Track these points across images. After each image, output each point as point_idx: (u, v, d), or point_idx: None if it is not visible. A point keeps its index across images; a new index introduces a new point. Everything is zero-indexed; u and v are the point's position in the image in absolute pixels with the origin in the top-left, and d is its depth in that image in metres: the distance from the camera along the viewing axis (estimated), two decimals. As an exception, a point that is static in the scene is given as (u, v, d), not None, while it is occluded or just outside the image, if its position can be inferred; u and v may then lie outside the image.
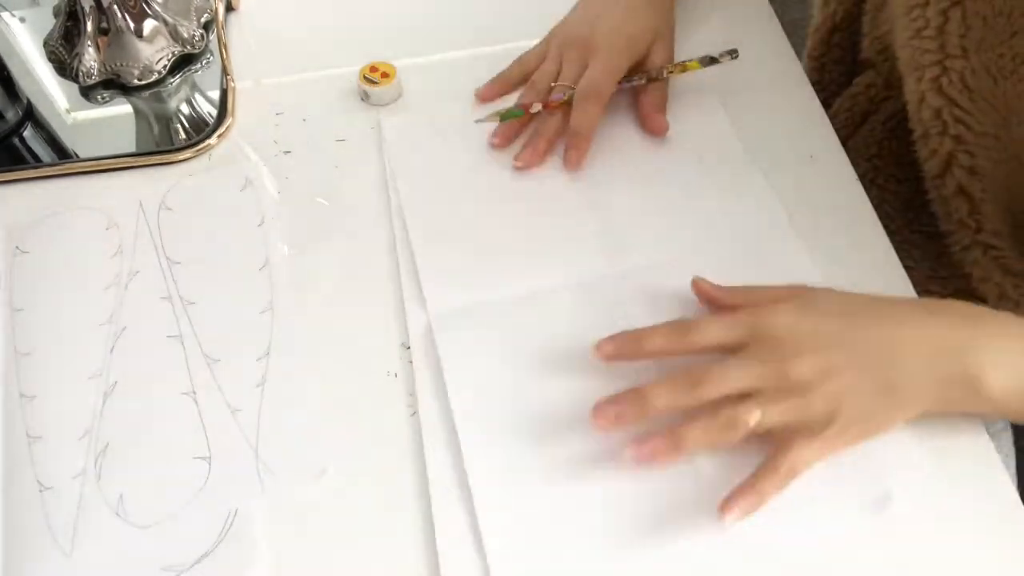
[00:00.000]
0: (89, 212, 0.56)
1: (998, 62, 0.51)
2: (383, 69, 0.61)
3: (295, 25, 0.67)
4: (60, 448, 0.47)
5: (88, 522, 0.45)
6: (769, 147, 0.59)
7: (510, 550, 0.43)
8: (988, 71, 0.51)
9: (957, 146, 0.54)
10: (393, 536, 0.44)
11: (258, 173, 0.58)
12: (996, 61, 0.51)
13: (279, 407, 0.48)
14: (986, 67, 0.51)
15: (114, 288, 0.53)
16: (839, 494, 0.45)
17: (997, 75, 0.51)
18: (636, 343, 0.46)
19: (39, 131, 0.61)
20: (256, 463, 0.46)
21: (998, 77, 0.51)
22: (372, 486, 0.46)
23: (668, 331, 0.46)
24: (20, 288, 0.53)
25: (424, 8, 0.68)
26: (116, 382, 0.49)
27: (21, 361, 0.50)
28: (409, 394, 0.49)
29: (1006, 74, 0.51)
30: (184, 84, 0.64)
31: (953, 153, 0.54)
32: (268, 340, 0.51)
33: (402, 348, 0.50)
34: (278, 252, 0.54)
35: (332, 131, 0.61)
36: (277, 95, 0.63)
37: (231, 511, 0.45)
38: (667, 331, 0.46)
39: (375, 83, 0.61)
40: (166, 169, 0.59)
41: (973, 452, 0.47)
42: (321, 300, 0.53)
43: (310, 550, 0.44)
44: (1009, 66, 0.50)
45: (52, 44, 0.64)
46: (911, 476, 0.45)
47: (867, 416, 0.44)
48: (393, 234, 0.55)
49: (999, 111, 0.52)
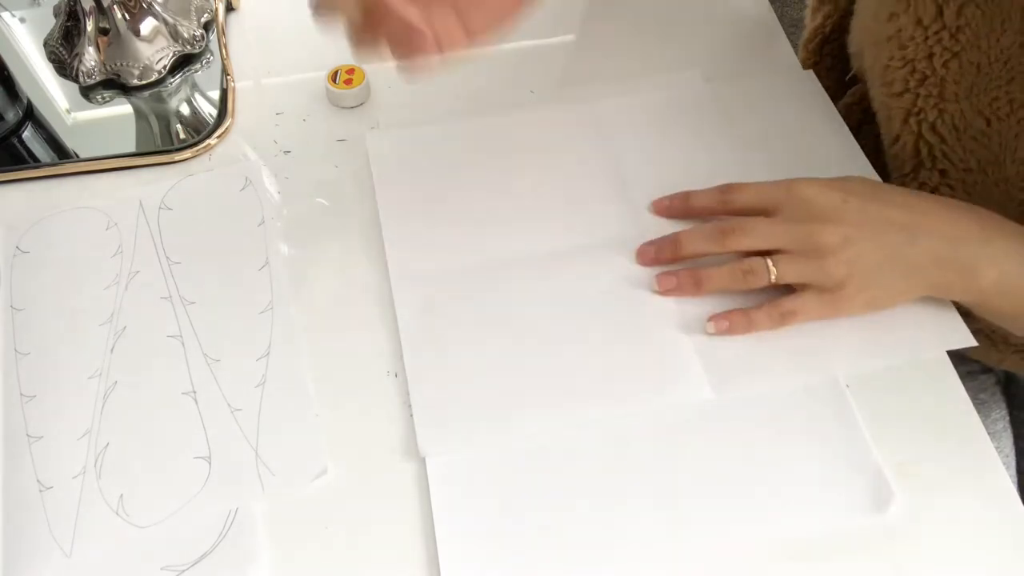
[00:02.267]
0: (89, 212, 0.56)
1: (992, 105, 0.52)
2: (348, 71, 0.61)
3: (295, 25, 0.67)
4: (60, 448, 0.47)
5: (88, 522, 0.45)
6: (768, 144, 0.58)
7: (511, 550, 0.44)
8: (981, 114, 0.53)
9: (942, 179, 0.56)
10: (393, 536, 0.45)
11: (258, 173, 0.58)
12: (990, 104, 0.52)
13: (279, 407, 0.48)
14: (979, 110, 0.53)
15: (114, 288, 0.53)
16: (839, 494, 0.45)
17: (991, 117, 0.52)
18: (686, 200, 0.53)
19: (39, 131, 0.61)
20: (256, 463, 0.46)
21: (992, 119, 0.53)
22: (372, 486, 0.46)
23: (712, 191, 0.52)
24: (20, 288, 0.53)
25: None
26: (116, 382, 0.49)
27: (21, 361, 0.50)
28: (409, 394, 0.49)
29: (1001, 116, 0.52)
30: (184, 84, 0.64)
31: (937, 187, 0.56)
32: (268, 340, 0.51)
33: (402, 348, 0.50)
34: (278, 252, 0.54)
35: (332, 131, 0.61)
36: (277, 95, 0.63)
37: (231, 511, 0.45)
38: (711, 191, 0.52)
39: (344, 85, 0.61)
40: (166, 169, 0.59)
41: (973, 452, 0.47)
42: (321, 300, 0.53)
43: (310, 550, 0.44)
44: (1005, 109, 0.52)
45: (52, 44, 0.64)
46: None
47: (877, 286, 0.47)
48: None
49: (991, 149, 0.54)
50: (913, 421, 0.48)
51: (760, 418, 0.47)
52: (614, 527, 0.44)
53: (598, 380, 0.48)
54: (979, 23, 0.50)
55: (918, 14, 0.52)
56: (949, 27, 0.51)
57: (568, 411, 0.47)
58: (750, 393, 0.48)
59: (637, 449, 0.46)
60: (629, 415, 0.47)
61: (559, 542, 0.44)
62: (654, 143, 0.59)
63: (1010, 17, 0.49)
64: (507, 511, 0.45)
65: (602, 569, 0.43)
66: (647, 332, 0.50)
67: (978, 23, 0.50)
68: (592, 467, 0.46)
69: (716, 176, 0.56)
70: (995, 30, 0.50)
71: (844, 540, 0.44)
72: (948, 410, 0.48)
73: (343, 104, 0.62)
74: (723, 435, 0.47)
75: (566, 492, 0.45)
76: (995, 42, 0.50)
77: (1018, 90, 0.50)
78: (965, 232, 0.47)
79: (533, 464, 0.46)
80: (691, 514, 0.44)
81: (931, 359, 0.50)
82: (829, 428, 0.47)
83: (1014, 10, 0.48)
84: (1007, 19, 0.49)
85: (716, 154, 0.58)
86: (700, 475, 0.46)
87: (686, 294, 0.51)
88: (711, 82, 0.62)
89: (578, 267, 0.53)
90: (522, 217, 0.55)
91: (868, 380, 0.49)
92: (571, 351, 0.49)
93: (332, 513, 0.45)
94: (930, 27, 0.52)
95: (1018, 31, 0.49)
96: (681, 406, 0.48)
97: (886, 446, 0.47)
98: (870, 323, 0.50)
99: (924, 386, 0.49)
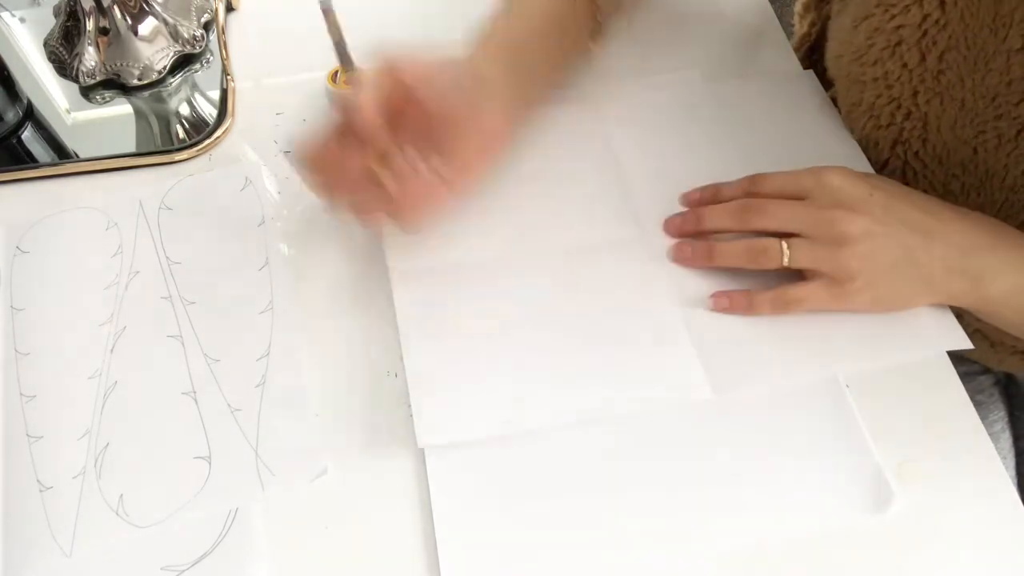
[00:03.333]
0: (89, 212, 0.56)
1: (979, 137, 0.53)
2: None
3: (295, 25, 0.67)
4: (60, 448, 0.47)
5: (88, 522, 0.45)
6: (768, 144, 0.58)
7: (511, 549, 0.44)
8: (968, 144, 0.53)
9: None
10: (393, 536, 0.45)
11: (258, 173, 0.58)
12: (976, 137, 0.53)
13: (279, 407, 0.48)
14: (964, 141, 0.53)
15: (114, 288, 0.53)
16: (839, 493, 0.45)
17: (979, 148, 0.53)
18: (716, 191, 0.53)
19: (39, 131, 0.61)
20: (256, 463, 0.46)
21: (979, 149, 0.53)
22: (372, 486, 0.46)
23: (741, 181, 0.52)
24: (20, 288, 0.53)
25: (425, 7, 0.68)
26: (116, 382, 0.49)
27: (21, 361, 0.50)
28: (409, 392, 0.48)
29: (989, 148, 0.53)
30: (184, 84, 0.64)
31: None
32: (268, 340, 0.51)
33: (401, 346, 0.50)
34: (278, 252, 0.54)
35: (332, 131, 0.61)
36: (277, 95, 0.63)
37: (231, 511, 0.45)
38: (740, 181, 0.52)
39: (344, 85, 0.61)
40: (166, 169, 0.59)
41: (973, 452, 0.47)
42: (321, 300, 0.53)
43: (310, 550, 0.44)
44: (993, 142, 0.52)
45: (52, 44, 0.64)
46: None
47: (885, 286, 0.47)
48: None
49: (977, 175, 0.54)
50: (913, 421, 0.48)
51: (760, 418, 0.47)
52: (614, 525, 0.44)
53: (598, 379, 0.48)
54: (961, 66, 0.51)
55: (904, 59, 0.53)
56: (931, 70, 0.52)
57: (568, 410, 0.47)
58: (750, 393, 0.48)
59: (637, 448, 0.46)
60: (629, 415, 0.47)
61: (559, 542, 0.44)
62: (654, 143, 0.59)
63: (993, 58, 0.50)
64: (507, 510, 0.45)
65: (602, 568, 0.43)
66: (647, 331, 0.50)
67: (960, 66, 0.51)
68: (592, 467, 0.46)
69: (716, 176, 0.56)
70: (979, 71, 0.51)
71: (844, 540, 0.44)
72: (948, 410, 0.48)
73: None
74: (723, 435, 0.47)
75: (566, 492, 0.45)
76: (980, 81, 0.51)
77: (1006, 126, 0.51)
78: (976, 241, 0.47)
79: (533, 464, 0.46)
80: (691, 514, 0.44)
81: (931, 359, 0.50)
82: (829, 428, 0.47)
83: (998, 53, 0.49)
84: (990, 60, 0.50)
85: (716, 154, 0.58)
86: (700, 475, 0.46)
87: (699, 264, 0.51)
88: (711, 82, 0.62)
89: (578, 266, 0.53)
90: (522, 216, 0.55)
91: (868, 380, 0.49)
92: (571, 350, 0.49)
93: (332, 513, 0.45)
94: (914, 70, 0.53)
95: (1003, 71, 0.49)
96: (681, 406, 0.48)
97: (886, 446, 0.47)
98: (870, 323, 0.50)
99: (924, 386, 0.49)
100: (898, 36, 0.52)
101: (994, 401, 0.70)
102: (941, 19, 0.50)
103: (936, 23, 0.50)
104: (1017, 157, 0.52)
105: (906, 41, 0.52)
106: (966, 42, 0.50)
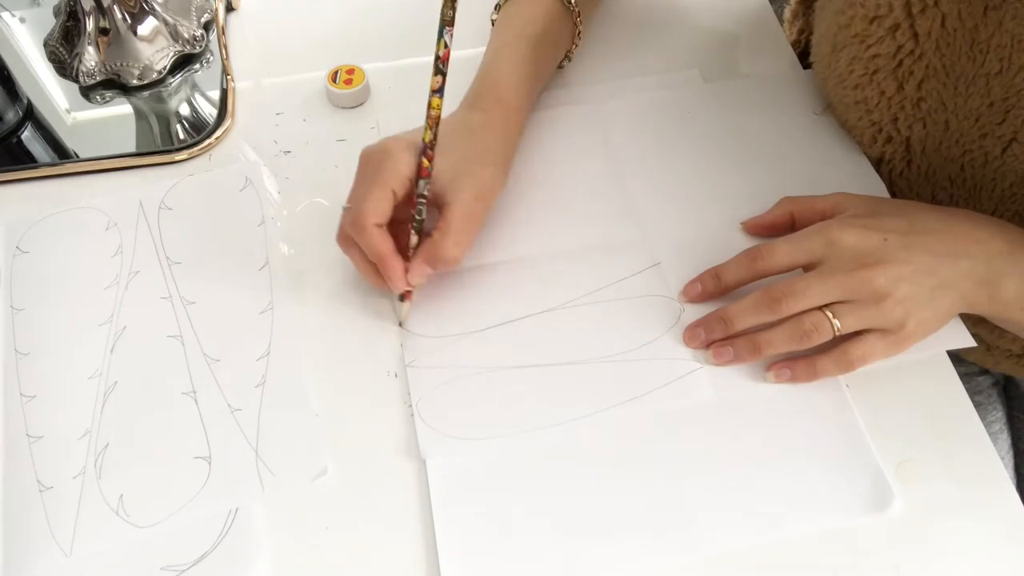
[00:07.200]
0: (89, 212, 0.56)
1: (965, 156, 0.53)
2: (348, 71, 0.61)
3: (295, 25, 0.67)
4: (60, 448, 0.47)
5: (88, 522, 0.45)
6: (767, 144, 0.58)
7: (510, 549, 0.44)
8: (954, 162, 0.54)
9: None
10: (393, 536, 0.45)
11: (258, 173, 0.58)
12: (962, 156, 0.53)
13: (279, 407, 0.48)
14: (950, 159, 0.54)
15: (114, 288, 0.53)
16: (839, 493, 0.45)
17: (965, 165, 0.54)
18: (717, 279, 0.51)
19: (39, 131, 0.61)
20: (256, 463, 0.46)
21: (966, 166, 0.54)
22: (372, 486, 0.46)
23: (740, 259, 0.50)
24: (20, 288, 0.53)
25: (425, 8, 0.68)
26: (116, 382, 0.49)
27: (21, 361, 0.50)
28: (409, 394, 0.49)
29: (976, 166, 0.53)
30: (184, 84, 0.64)
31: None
32: (268, 340, 0.51)
33: (402, 348, 0.50)
34: (278, 252, 0.54)
35: (332, 131, 0.61)
36: (277, 95, 0.63)
37: (231, 511, 0.45)
38: (739, 260, 0.50)
39: (344, 85, 0.61)
40: (166, 169, 0.59)
41: (973, 452, 0.47)
42: (321, 300, 0.53)
43: (310, 550, 0.44)
44: (980, 160, 0.53)
45: (52, 44, 0.64)
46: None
47: (931, 315, 0.47)
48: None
49: (965, 188, 0.55)
50: (913, 421, 0.48)
51: (760, 418, 0.47)
52: (614, 527, 0.44)
53: (598, 381, 0.48)
54: (942, 91, 0.51)
55: (881, 87, 0.53)
56: (911, 98, 0.53)
57: (568, 412, 0.47)
58: (750, 393, 0.48)
59: (637, 450, 0.46)
60: (629, 416, 0.47)
61: (559, 542, 0.44)
62: (654, 143, 0.59)
63: (974, 82, 0.50)
64: (507, 511, 0.45)
65: (602, 568, 0.43)
66: (647, 333, 0.50)
67: (940, 92, 0.51)
68: (592, 467, 0.46)
69: (715, 176, 0.56)
70: (960, 95, 0.51)
71: (844, 540, 0.44)
72: (948, 410, 0.48)
73: (343, 104, 0.62)
74: (723, 435, 0.47)
75: (566, 493, 0.45)
76: (962, 104, 0.51)
77: (991, 144, 0.51)
78: (993, 248, 0.47)
79: (533, 464, 0.46)
80: (692, 515, 0.44)
81: (931, 359, 0.50)
82: (829, 428, 0.47)
83: (978, 77, 0.49)
84: (971, 84, 0.50)
85: (716, 154, 0.58)
86: (700, 476, 0.46)
87: (745, 362, 0.49)
88: (711, 82, 0.63)
89: (578, 267, 0.53)
90: (522, 217, 0.55)
91: (868, 380, 0.49)
92: (571, 352, 0.49)
93: (332, 513, 0.45)
94: (892, 98, 0.53)
95: (983, 94, 0.50)
96: (681, 406, 0.48)
97: (886, 446, 0.47)
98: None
99: (924, 386, 0.49)
100: (875, 65, 0.52)
101: (992, 402, 0.70)
102: (916, 50, 0.50)
103: (911, 54, 0.50)
104: (1004, 172, 0.52)
105: (882, 70, 0.52)
106: (944, 69, 0.50)
